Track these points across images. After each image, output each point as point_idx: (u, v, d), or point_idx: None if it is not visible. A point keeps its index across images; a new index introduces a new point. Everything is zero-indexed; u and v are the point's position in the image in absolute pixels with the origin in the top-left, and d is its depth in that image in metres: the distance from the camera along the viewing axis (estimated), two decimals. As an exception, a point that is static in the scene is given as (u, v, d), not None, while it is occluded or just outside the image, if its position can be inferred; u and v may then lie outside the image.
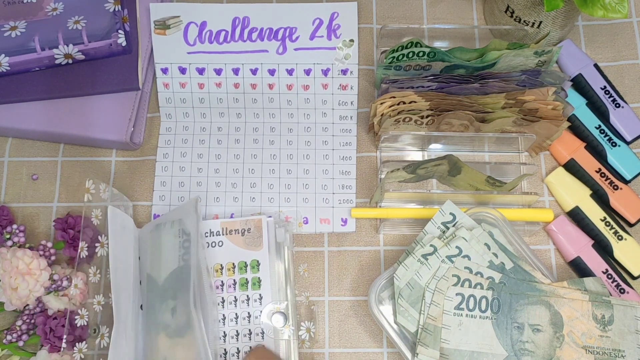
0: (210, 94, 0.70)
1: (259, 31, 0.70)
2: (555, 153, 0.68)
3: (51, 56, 0.67)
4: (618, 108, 0.67)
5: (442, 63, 0.64)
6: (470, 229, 0.59)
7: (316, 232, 0.66)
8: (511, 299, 0.58)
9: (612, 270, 0.63)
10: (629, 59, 0.71)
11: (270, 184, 0.68)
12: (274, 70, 0.69)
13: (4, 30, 0.67)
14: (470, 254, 0.58)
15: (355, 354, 0.62)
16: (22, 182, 0.69)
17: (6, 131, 0.69)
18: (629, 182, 0.66)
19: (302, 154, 0.69)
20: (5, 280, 0.57)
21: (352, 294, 0.64)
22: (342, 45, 0.70)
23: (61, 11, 0.68)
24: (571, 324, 0.57)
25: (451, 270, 0.58)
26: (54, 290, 0.60)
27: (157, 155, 0.69)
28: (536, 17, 0.66)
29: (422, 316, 0.57)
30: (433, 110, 0.63)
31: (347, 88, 0.70)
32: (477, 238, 0.59)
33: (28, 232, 0.66)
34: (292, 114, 0.70)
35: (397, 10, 0.74)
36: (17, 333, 0.60)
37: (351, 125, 0.70)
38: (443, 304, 0.57)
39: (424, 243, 0.59)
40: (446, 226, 0.60)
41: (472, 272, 0.58)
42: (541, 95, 0.62)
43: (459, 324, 0.57)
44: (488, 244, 0.59)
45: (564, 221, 0.65)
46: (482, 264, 0.58)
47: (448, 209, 0.60)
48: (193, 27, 0.70)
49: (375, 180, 0.68)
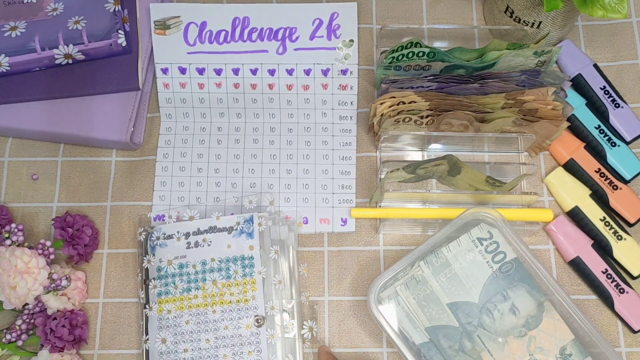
0: (210, 94, 0.70)
1: (259, 31, 0.70)
2: (554, 153, 0.68)
3: (51, 56, 0.67)
4: (617, 108, 0.67)
5: (442, 63, 0.64)
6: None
7: (316, 232, 0.66)
8: (521, 275, 0.59)
9: (611, 270, 0.63)
10: (629, 59, 0.71)
11: (270, 184, 0.68)
12: (274, 70, 0.69)
13: (4, 30, 0.67)
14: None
15: (355, 354, 0.62)
16: (22, 182, 0.69)
17: (6, 131, 0.69)
18: (629, 182, 0.66)
19: (302, 154, 0.69)
20: (4, 279, 0.57)
21: (352, 294, 0.64)
22: (342, 46, 0.70)
23: (61, 11, 0.68)
24: (541, 334, 0.58)
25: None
26: (53, 290, 0.60)
27: (157, 155, 0.69)
28: (536, 18, 0.66)
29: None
30: (433, 110, 0.63)
31: (347, 88, 0.70)
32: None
33: (28, 232, 0.66)
34: (292, 114, 0.70)
35: (397, 11, 0.74)
36: (17, 332, 0.60)
37: (351, 125, 0.70)
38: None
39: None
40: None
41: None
42: (541, 95, 0.62)
43: (468, 250, 0.60)
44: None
45: (563, 221, 0.65)
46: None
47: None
48: (193, 27, 0.70)
49: (375, 180, 0.68)
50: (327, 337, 0.63)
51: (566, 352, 0.57)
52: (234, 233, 0.63)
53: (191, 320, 0.61)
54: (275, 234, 0.63)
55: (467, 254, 0.60)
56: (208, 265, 0.62)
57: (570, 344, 0.58)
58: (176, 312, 0.61)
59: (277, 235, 0.63)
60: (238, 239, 0.63)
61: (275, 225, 0.64)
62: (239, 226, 0.63)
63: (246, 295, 0.61)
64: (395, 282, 0.60)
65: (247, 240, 0.62)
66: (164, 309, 0.61)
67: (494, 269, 0.59)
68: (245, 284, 0.61)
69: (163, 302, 0.62)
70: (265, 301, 0.61)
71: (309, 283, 0.65)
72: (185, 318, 0.61)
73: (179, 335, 0.61)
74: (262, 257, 0.62)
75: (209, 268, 0.62)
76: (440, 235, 0.60)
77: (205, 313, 0.61)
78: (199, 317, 0.61)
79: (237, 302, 0.61)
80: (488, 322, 0.58)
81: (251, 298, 0.61)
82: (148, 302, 0.62)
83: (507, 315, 0.58)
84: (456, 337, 0.58)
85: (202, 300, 0.61)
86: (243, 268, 0.62)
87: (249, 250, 0.62)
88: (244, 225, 0.63)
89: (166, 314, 0.61)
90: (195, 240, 0.63)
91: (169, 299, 0.62)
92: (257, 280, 0.61)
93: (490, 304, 0.59)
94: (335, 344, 0.63)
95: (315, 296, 0.64)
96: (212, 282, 0.61)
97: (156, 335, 0.61)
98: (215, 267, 0.62)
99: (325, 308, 0.64)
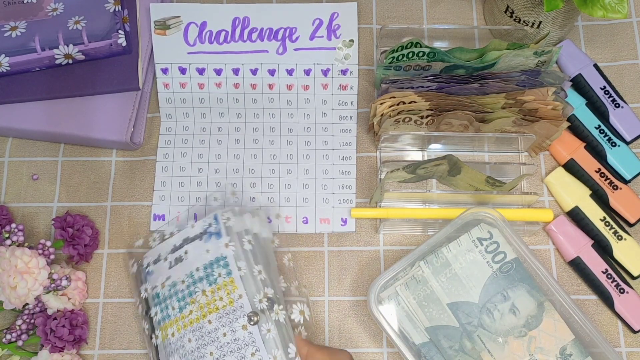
0: (210, 94, 0.70)
1: (259, 31, 0.70)
2: (555, 153, 0.68)
3: (51, 56, 0.67)
4: (618, 108, 0.67)
5: (442, 63, 0.64)
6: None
7: (316, 232, 0.66)
8: (521, 275, 0.59)
9: (611, 270, 0.63)
10: (629, 59, 0.71)
11: (270, 183, 0.68)
12: (274, 70, 0.69)
13: (4, 30, 0.67)
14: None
15: (355, 354, 0.62)
16: (22, 182, 0.69)
17: (6, 131, 0.69)
18: (629, 182, 0.66)
19: (302, 154, 0.69)
20: (4, 279, 0.57)
21: (352, 294, 0.64)
22: (342, 46, 0.70)
23: (61, 11, 0.68)
24: (541, 334, 0.58)
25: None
26: (53, 290, 0.60)
27: (157, 155, 0.69)
28: (536, 18, 0.66)
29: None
30: (433, 110, 0.63)
31: (347, 88, 0.70)
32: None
33: (28, 232, 0.66)
34: (292, 114, 0.70)
35: (397, 11, 0.74)
36: (17, 332, 0.60)
37: (351, 125, 0.70)
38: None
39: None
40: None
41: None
42: (541, 95, 0.62)
43: (468, 250, 0.60)
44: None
45: (563, 221, 0.65)
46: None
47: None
48: (193, 27, 0.70)
49: (375, 180, 0.68)
50: (327, 337, 0.63)
51: (566, 352, 0.57)
52: (204, 238, 0.61)
53: (192, 337, 0.58)
54: (240, 226, 0.61)
55: (467, 254, 0.60)
56: (195, 276, 0.59)
57: (571, 344, 0.58)
58: (179, 334, 0.58)
59: (244, 226, 0.61)
60: (210, 242, 0.60)
61: (240, 215, 0.61)
62: (209, 229, 0.61)
63: (231, 295, 0.58)
64: (396, 282, 0.60)
65: (218, 240, 0.60)
66: (168, 334, 0.59)
67: (494, 269, 0.59)
68: (226, 285, 0.58)
69: (166, 327, 0.59)
70: (250, 297, 0.57)
71: (309, 283, 0.65)
72: (188, 337, 0.58)
73: (186, 357, 0.58)
74: (237, 252, 0.59)
75: (197, 278, 0.59)
76: (441, 235, 0.60)
77: (202, 326, 0.58)
78: (199, 331, 0.58)
79: (225, 307, 0.58)
80: (488, 322, 0.58)
81: (236, 298, 0.58)
82: (153, 332, 0.60)
83: (507, 315, 0.58)
84: (456, 337, 0.58)
85: (197, 313, 0.58)
86: (223, 268, 0.59)
87: (224, 249, 0.59)
88: (212, 226, 0.61)
89: (170, 338, 0.59)
90: (175, 257, 0.61)
91: (171, 322, 0.59)
92: (235, 277, 0.58)
93: (491, 304, 0.59)
94: (335, 344, 0.63)
95: (316, 296, 0.64)
96: (202, 292, 0.59)
97: None
98: (202, 275, 0.59)
99: (325, 308, 0.64)
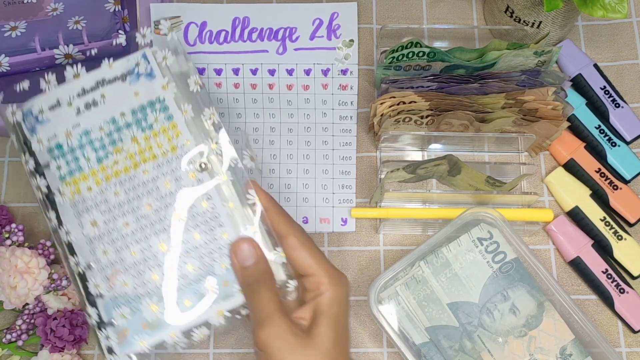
0: (210, 94, 0.70)
1: (259, 31, 0.70)
2: (555, 153, 0.68)
3: (51, 56, 0.67)
4: (618, 108, 0.67)
5: (442, 63, 0.64)
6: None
7: (316, 232, 0.66)
8: (521, 275, 0.59)
9: (612, 270, 0.63)
10: (629, 59, 0.71)
11: (270, 183, 0.68)
12: (274, 70, 0.69)
13: (4, 30, 0.67)
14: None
15: (355, 354, 0.62)
16: (22, 182, 0.69)
17: (6, 131, 0.69)
18: (629, 182, 0.66)
19: (302, 154, 0.69)
20: (4, 279, 0.57)
21: (352, 294, 0.64)
22: (342, 46, 0.70)
23: (61, 11, 0.68)
24: (541, 334, 0.58)
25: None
26: (53, 290, 0.60)
27: (157, 155, 0.69)
28: (536, 17, 0.66)
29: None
30: (433, 110, 0.63)
31: (347, 88, 0.70)
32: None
33: (28, 232, 0.66)
34: (292, 114, 0.70)
35: (397, 10, 0.74)
36: (17, 332, 0.60)
37: (351, 125, 0.70)
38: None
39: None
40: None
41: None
42: (541, 95, 0.62)
43: (468, 250, 0.60)
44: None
45: (563, 221, 0.65)
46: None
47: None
48: (193, 27, 0.70)
49: (375, 180, 0.68)
50: (327, 337, 0.63)
51: (566, 352, 0.57)
52: (129, 79, 0.52)
53: (120, 189, 0.50)
54: (183, 67, 0.53)
55: (467, 254, 0.60)
56: (120, 123, 0.51)
57: (571, 344, 0.58)
58: (98, 188, 0.50)
59: (179, 67, 0.53)
60: (139, 84, 0.52)
61: (178, 54, 0.53)
62: (136, 69, 0.52)
63: (173, 142, 0.51)
64: (396, 282, 0.60)
65: (151, 81, 0.52)
66: (81, 188, 0.51)
67: (494, 269, 0.59)
68: (165, 131, 0.51)
69: (76, 181, 0.51)
70: (196, 142, 0.51)
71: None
72: (113, 190, 0.50)
73: (112, 211, 0.50)
74: (180, 94, 0.52)
75: (123, 125, 0.51)
76: (440, 235, 0.60)
77: (134, 177, 0.50)
78: (130, 182, 0.50)
79: (165, 154, 0.51)
80: (488, 322, 0.58)
81: (180, 145, 0.51)
82: (50, 191, 0.51)
83: (507, 315, 0.58)
84: (456, 337, 0.58)
85: (125, 163, 0.51)
86: (161, 112, 0.51)
87: (162, 90, 0.52)
88: (140, 66, 0.53)
89: (86, 193, 0.50)
90: (85, 102, 0.52)
91: (84, 176, 0.51)
92: (179, 121, 0.51)
93: (491, 304, 0.59)
94: (335, 344, 0.63)
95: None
96: (132, 139, 0.51)
97: (79, 222, 0.50)
98: (130, 121, 0.51)
99: (325, 308, 0.64)
